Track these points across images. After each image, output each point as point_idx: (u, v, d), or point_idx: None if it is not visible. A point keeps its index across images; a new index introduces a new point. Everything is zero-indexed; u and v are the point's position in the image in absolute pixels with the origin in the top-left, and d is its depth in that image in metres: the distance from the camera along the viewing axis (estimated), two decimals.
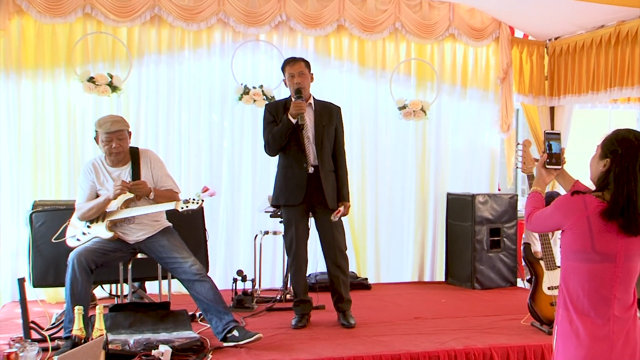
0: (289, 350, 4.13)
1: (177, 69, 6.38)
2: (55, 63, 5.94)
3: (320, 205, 4.83)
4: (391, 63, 6.95)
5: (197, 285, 4.28)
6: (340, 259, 4.90)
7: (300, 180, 4.80)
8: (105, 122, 4.37)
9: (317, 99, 5.01)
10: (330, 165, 4.89)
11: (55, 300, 5.66)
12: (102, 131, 4.34)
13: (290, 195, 4.85)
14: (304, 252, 4.91)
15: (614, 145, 2.57)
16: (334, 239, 4.87)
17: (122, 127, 4.40)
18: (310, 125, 4.85)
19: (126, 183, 4.32)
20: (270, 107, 4.98)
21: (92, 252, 4.27)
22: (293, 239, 4.86)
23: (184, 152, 6.40)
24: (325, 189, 4.80)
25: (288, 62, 4.94)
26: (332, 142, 4.92)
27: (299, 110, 4.70)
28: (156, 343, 3.93)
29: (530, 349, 4.31)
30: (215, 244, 6.24)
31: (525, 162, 3.68)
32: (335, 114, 5.00)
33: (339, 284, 4.90)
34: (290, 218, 4.89)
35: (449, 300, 6.10)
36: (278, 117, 4.82)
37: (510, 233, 6.80)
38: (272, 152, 4.91)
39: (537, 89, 7.35)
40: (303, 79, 4.83)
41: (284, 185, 4.88)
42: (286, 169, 4.88)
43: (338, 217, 4.85)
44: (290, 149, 4.82)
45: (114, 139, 4.34)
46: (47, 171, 5.97)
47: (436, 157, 7.15)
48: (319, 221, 4.93)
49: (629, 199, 2.48)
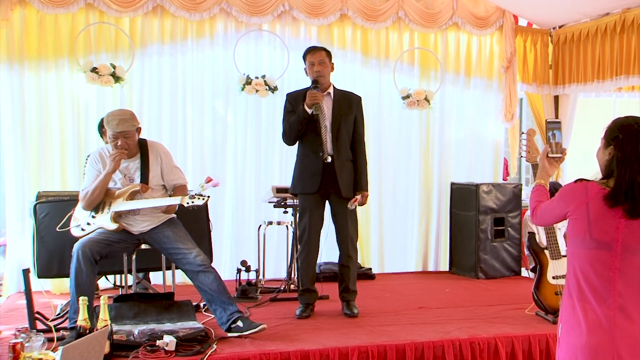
0: (293, 340, 4.13)
1: (180, 59, 6.37)
2: (58, 54, 5.93)
3: (335, 194, 4.84)
4: (394, 52, 6.92)
5: (201, 276, 4.28)
6: (352, 250, 4.94)
7: (315, 168, 4.80)
8: (113, 120, 4.33)
9: (338, 89, 5.00)
10: (347, 154, 4.89)
11: (60, 291, 5.67)
12: (109, 128, 4.33)
13: (306, 184, 4.87)
14: (316, 242, 4.91)
15: (615, 132, 2.59)
16: (347, 229, 4.89)
17: (129, 127, 4.34)
18: (328, 114, 4.84)
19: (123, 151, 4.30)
20: (290, 96, 4.98)
21: (96, 243, 4.27)
22: (306, 228, 4.87)
23: (188, 143, 6.40)
24: (340, 177, 4.80)
25: (309, 50, 4.95)
26: (350, 131, 4.91)
27: (314, 100, 4.70)
28: (160, 333, 3.93)
29: (535, 338, 4.30)
30: (219, 235, 6.24)
31: (529, 151, 3.68)
32: (355, 104, 4.99)
33: (348, 275, 4.93)
34: (305, 206, 4.91)
35: (453, 289, 6.10)
36: (297, 107, 4.82)
37: (514, 222, 6.79)
38: (289, 141, 4.93)
39: (541, 78, 7.31)
40: (323, 68, 4.83)
41: (301, 174, 4.91)
42: (303, 157, 4.90)
43: (354, 206, 4.84)
44: (307, 138, 4.83)
45: (120, 138, 4.32)
46: (52, 162, 5.96)
47: (440, 147, 7.13)
48: (334, 210, 4.94)
49: (632, 182, 2.48)
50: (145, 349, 3.76)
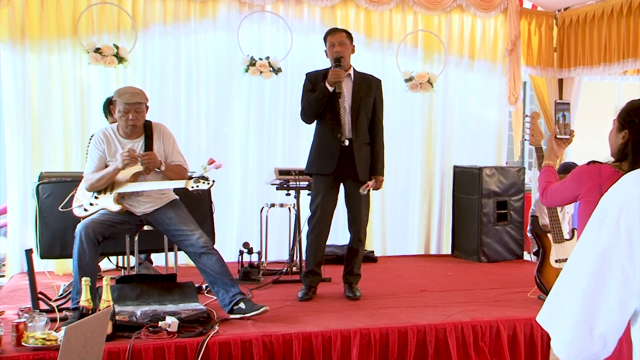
0: (295, 322, 4.14)
1: (183, 41, 6.33)
2: (61, 34, 5.89)
3: (350, 177, 4.82)
4: (398, 35, 6.88)
5: (204, 257, 4.28)
6: (363, 234, 4.95)
7: (333, 150, 4.78)
8: (125, 93, 4.34)
9: (358, 71, 4.97)
10: (365, 137, 4.86)
11: (63, 271, 5.70)
12: (121, 101, 4.31)
13: (322, 164, 4.85)
14: (326, 224, 4.90)
15: (630, 116, 2.55)
16: (361, 213, 4.88)
17: (142, 99, 4.36)
18: (348, 95, 4.82)
19: (134, 152, 4.30)
20: (310, 75, 4.94)
21: (99, 224, 4.27)
22: (318, 209, 4.85)
23: (192, 124, 6.38)
24: (358, 160, 4.78)
25: (330, 32, 4.93)
26: (369, 114, 4.89)
27: (337, 78, 4.67)
28: (163, 315, 3.94)
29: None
30: (223, 217, 6.24)
31: (533, 135, 3.65)
32: (375, 87, 4.96)
33: (356, 258, 4.95)
34: (319, 188, 4.89)
35: (455, 273, 6.11)
36: (317, 86, 4.79)
37: (517, 206, 6.78)
38: (307, 119, 4.90)
39: (546, 61, 7.26)
40: (343, 49, 4.80)
41: (317, 154, 4.88)
42: (320, 137, 4.87)
43: (367, 191, 4.82)
44: (325, 119, 4.80)
45: (132, 111, 4.31)
46: (55, 143, 5.95)
47: (443, 130, 7.11)
48: (348, 193, 4.92)
49: None
50: (148, 329, 3.77)
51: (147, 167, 4.31)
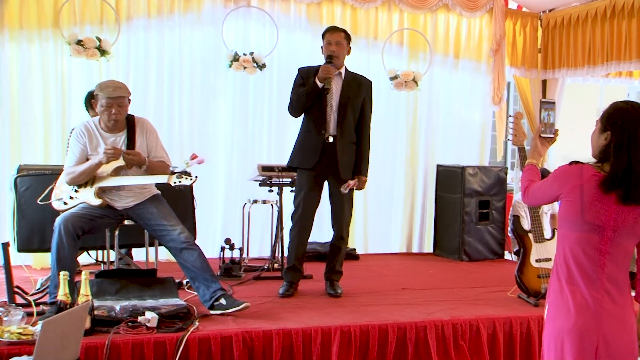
0: (276, 319, 4.12)
1: (167, 34, 6.29)
2: (42, 24, 5.81)
3: (333, 174, 4.83)
4: (383, 33, 6.88)
5: (185, 253, 4.25)
6: (345, 232, 4.96)
7: (316, 145, 4.79)
8: (107, 87, 4.30)
9: (350, 71, 4.98)
10: (351, 136, 4.87)
11: (41, 265, 5.62)
12: (103, 95, 4.26)
13: (303, 158, 4.86)
14: (308, 221, 4.90)
15: (613, 117, 2.56)
16: (343, 211, 4.89)
17: (124, 94, 4.33)
18: (336, 93, 4.82)
19: (119, 150, 4.26)
20: (302, 70, 4.95)
21: (79, 218, 4.22)
22: (300, 205, 4.86)
23: (175, 119, 6.34)
24: (340, 158, 4.79)
25: (328, 30, 4.95)
26: (356, 114, 4.90)
27: (326, 74, 4.68)
28: (142, 310, 3.91)
29: (517, 320, 4.32)
30: (206, 213, 6.20)
31: (516, 135, 3.67)
32: (365, 88, 4.97)
33: (338, 256, 4.96)
34: (302, 184, 4.90)
35: (436, 271, 6.12)
36: (308, 81, 4.80)
37: (498, 206, 6.81)
38: (294, 112, 4.90)
39: (530, 62, 7.30)
40: (339, 48, 4.82)
41: (300, 148, 4.90)
42: (305, 133, 4.89)
43: (348, 190, 4.82)
44: (312, 114, 4.81)
45: (114, 105, 4.26)
46: (35, 136, 5.88)
47: (427, 129, 7.12)
48: (331, 191, 4.92)
49: (629, 168, 2.47)
50: (127, 324, 3.73)
51: (129, 163, 4.28)
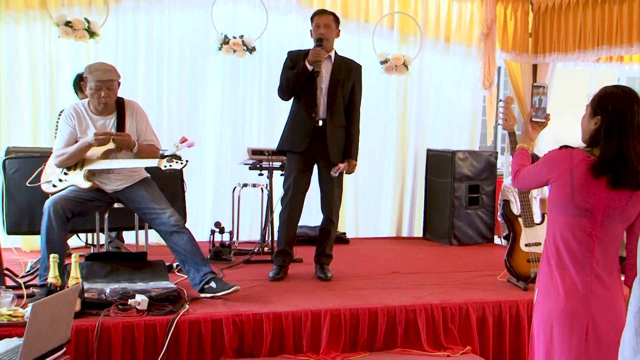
0: (266, 302, 4.13)
1: (156, 16, 6.23)
2: (29, 5, 5.74)
3: (323, 158, 4.82)
4: (374, 16, 6.84)
5: (175, 236, 4.25)
6: (335, 215, 4.97)
7: (306, 128, 4.79)
8: (97, 70, 4.25)
9: (340, 55, 4.96)
10: (340, 120, 4.87)
11: (30, 248, 5.61)
12: (92, 78, 4.22)
13: (293, 142, 4.85)
14: (297, 204, 4.89)
15: (603, 102, 2.57)
16: (333, 195, 4.90)
17: (113, 77, 4.29)
18: (326, 77, 4.81)
19: (109, 134, 4.23)
20: (291, 54, 4.94)
21: (68, 201, 4.20)
22: (290, 188, 4.86)
23: (164, 102, 6.30)
24: (330, 142, 4.79)
25: (317, 13, 4.94)
26: (346, 98, 4.89)
27: (316, 57, 4.67)
28: (133, 292, 3.90)
29: (506, 304, 4.35)
30: (195, 196, 6.19)
31: (506, 119, 3.66)
32: (355, 72, 4.97)
33: (328, 239, 4.97)
34: (291, 167, 4.89)
35: (426, 255, 6.14)
36: (297, 64, 4.78)
37: (488, 190, 6.83)
38: (284, 95, 4.89)
39: (521, 46, 7.27)
40: (328, 31, 4.80)
41: (290, 132, 4.89)
42: (295, 116, 4.88)
43: (338, 173, 4.82)
44: (302, 98, 4.80)
45: (104, 88, 4.23)
46: (22, 118, 5.83)
47: (417, 113, 7.11)
48: (321, 174, 4.93)
49: (619, 153, 2.48)
50: (117, 307, 3.74)
51: (119, 146, 4.26)
